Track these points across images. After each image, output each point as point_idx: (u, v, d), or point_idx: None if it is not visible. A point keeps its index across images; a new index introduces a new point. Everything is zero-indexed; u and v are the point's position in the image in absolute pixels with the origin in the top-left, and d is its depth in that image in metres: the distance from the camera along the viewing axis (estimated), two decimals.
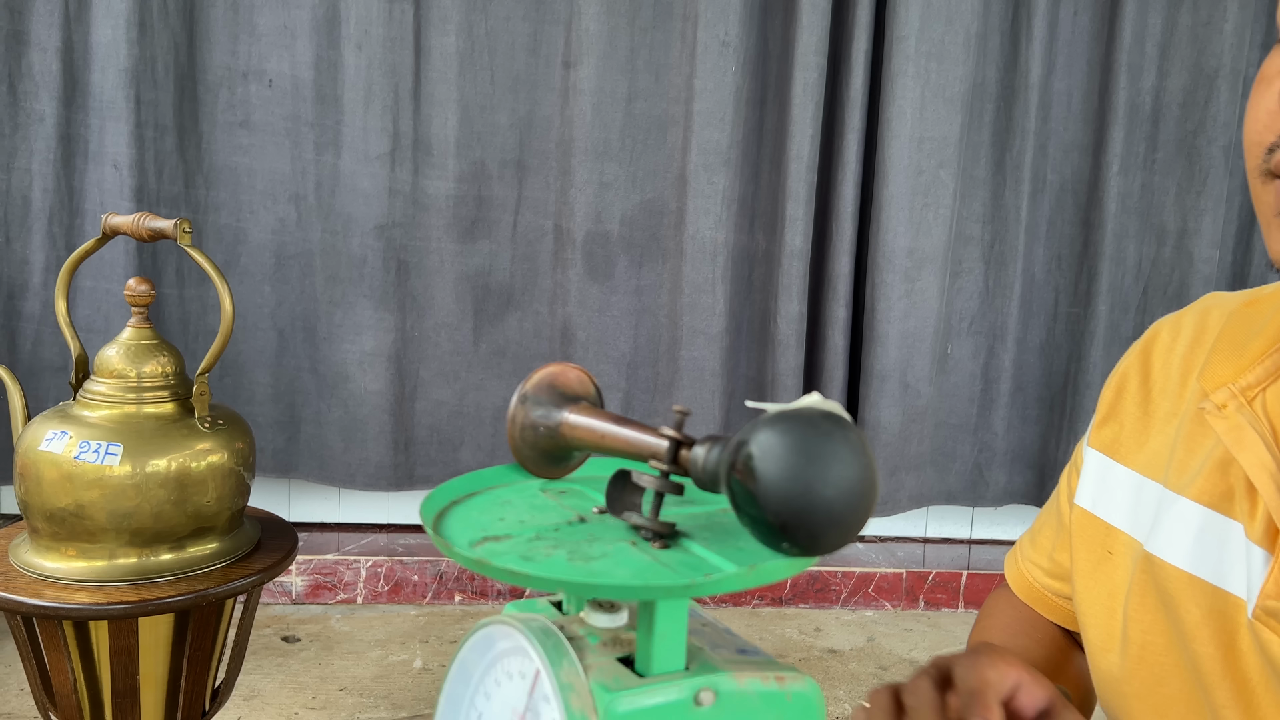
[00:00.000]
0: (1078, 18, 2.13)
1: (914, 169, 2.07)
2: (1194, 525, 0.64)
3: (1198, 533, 0.64)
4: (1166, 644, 0.65)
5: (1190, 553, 0.64)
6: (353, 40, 1.98)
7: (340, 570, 2.08)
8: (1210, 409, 0.64)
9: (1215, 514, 0.63)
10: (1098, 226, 2.16)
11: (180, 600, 1.06)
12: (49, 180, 1.94)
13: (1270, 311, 0.66)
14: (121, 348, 1.12)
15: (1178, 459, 0.67)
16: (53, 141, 1.93)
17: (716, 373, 2.11)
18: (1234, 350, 0.65)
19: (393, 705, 1.71)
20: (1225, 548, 0.62)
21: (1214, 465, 0.64)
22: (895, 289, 2.09)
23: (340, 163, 2.02)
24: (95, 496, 1.05)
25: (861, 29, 2.02)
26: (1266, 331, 0.65)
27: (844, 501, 0.39)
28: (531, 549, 0.44)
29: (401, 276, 2.07)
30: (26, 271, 1.96)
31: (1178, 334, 0.73)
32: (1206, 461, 0.64)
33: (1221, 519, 0.63)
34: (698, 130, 2.04)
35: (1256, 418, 0.61)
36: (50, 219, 1.95)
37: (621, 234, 2.10)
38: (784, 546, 0.41)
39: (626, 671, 0.43)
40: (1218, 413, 0.63)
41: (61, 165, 1.94)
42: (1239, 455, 0.61)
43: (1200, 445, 0.66)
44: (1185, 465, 0.66)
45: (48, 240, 1.96)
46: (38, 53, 1.91)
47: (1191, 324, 0.72)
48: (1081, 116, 2.16)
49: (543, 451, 0.53)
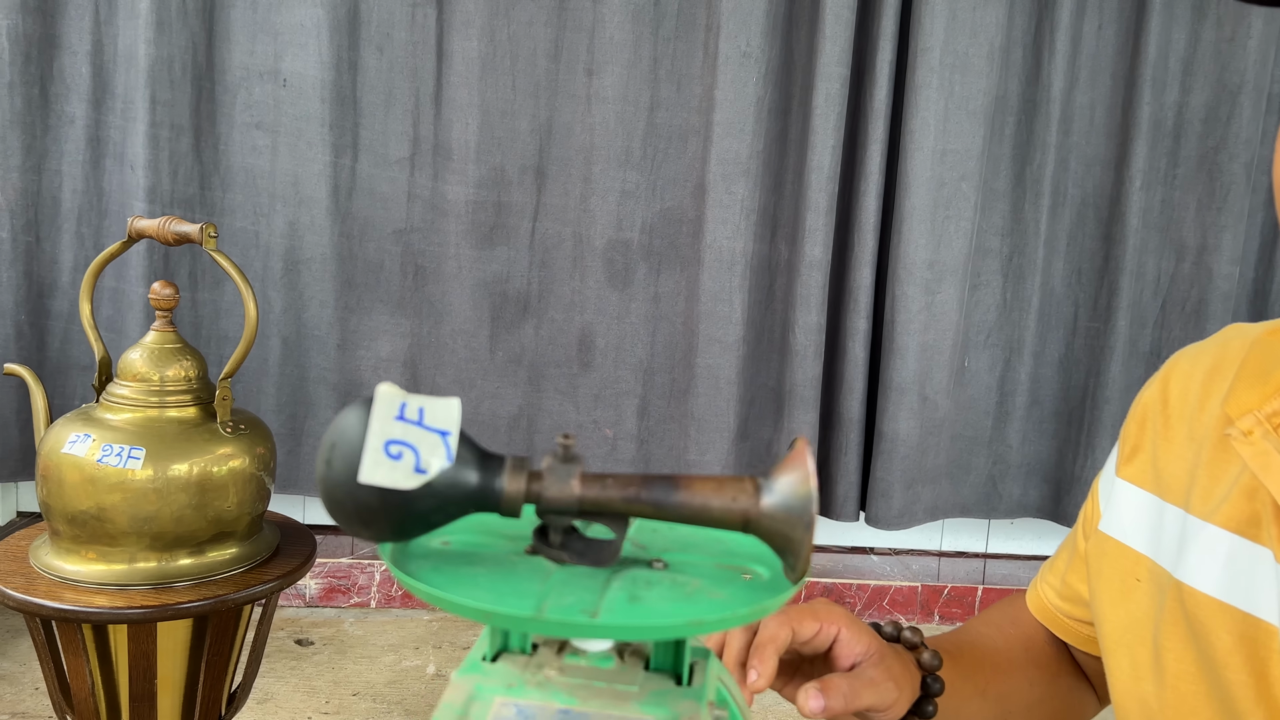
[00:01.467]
0: (1101, 31, 2.12)
1: (936, 181, 2.06)
2: (1223, 552, 0.64)
3: (1226, 559, 0.64)
4: (1198, 672, 0.65)
5: (1219, 580, 0.64)
6: (374, 42, 1.98)
7: (354, 574, 2.08)
8: (1236, 435, 0.64)
9: (1243, 540, 0.63)
10: (1118, 241, 2.15)
11: (199, 605, 1.06)
12: (78, 181, 1.95)
13: None
14: (145, 351, 1.12)
15: (1201, 485, 0.67)
16: (81, 143, 1.94)
17: (732, 381, 2.10)
18: (1258, 378, 0.66)
19: (406, 711, 1.70)
20: (1255, 574, 0.62)
21: (1240, 491, 0.64)
22: (915, 301, 2.08)
23: (358, 166, 2.02)
24: (117, 500, 1.05)
25: (885, 40, 2.01)
26: None
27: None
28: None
29: (419, 282, 2.07)
30: (55, 271, 1.97)
31: (1196, 362, 0.73)
32: (1233, 488, 0.65)
33: (1250, 545, 0.63)
34: (717, 140, 2.04)
35: None
36: (79, 220, 1.97)
37: (641, 242, 2.09)
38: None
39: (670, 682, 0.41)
40: (1244, 439, 0.63)
41: (91, 167, 1.96)
42: (1266, 480, 0.61)
43: (1225, 472, 0.66)
44: (1210, 492, 0.66)
45: (76, 240, 1.97)
46: (68, 56, 1.92)
47: (1211, 352, 0.73)
48: (1104, 131, 2.15)
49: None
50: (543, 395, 2.13)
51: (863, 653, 0.68)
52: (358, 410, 0.39)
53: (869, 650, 0.69)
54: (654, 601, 0.40)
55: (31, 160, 1.93)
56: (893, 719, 0.70)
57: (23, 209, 1.93)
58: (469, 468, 0.40)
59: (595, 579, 0.42)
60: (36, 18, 1.89)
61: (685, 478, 0.42)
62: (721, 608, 0.40)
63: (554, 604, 0.39)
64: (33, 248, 1.96)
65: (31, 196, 1.94)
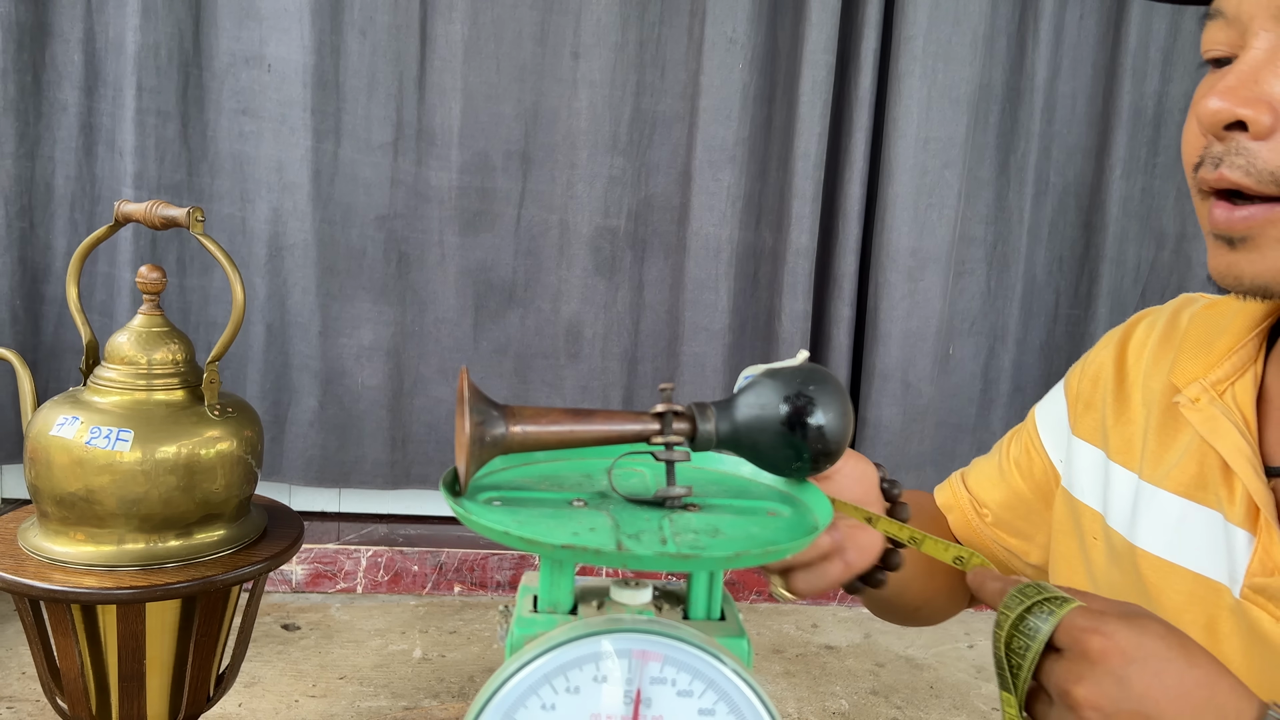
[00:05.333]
0: (1084, 21, 2.13)
1: (919, 169, 2.07)
2: (1173, 516, 0.68)
3: (1177, 523, 0.67)
4: None
5: (1170, 542, 0.67)
6: (356, 26, 1.98)
7: (340, 560, 2.08)
8: (1185, 402, 0.67)
9: (1192, 504, 0.67)
10: (1099, 229, 2.17)
11: (188, 586, 1.06)
12: (70, 168, 1.96)
13: (1231, 313, 0.70)
14: (132, 334, 1.12)
15: (1150, 451, 0.71)
16: (74, 130, 1.95)
17: (719, 369, 2.11)
18: (1201, 348, 0.69)
19: (392, 694, 1.71)
20: (1204, 535, 0.65)
21: (1189, 457, 0.67)
22: (899, 288, 2.10)
23: (341, 151, 2.01)
24: (105, 482, 1.05)
25: (870, 28, 2.02)
26: (1231, 330, 0.69)
27: (848, 430, 0.51)
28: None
29: (402, 269, 2.07)
30: (49, 256, 1.98)
31: (1151, 330, 0.77)
32: (1182, 455, 0.68)
33: (1199, 508, 0.66)
34: (703, 126, 2.04)
35: (1229, 409, 0.65)
36: (72, 205, 1.97)
37: (627, 229, 2.10)
38: (797, 468, 0.51)
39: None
40: (1192, 406, 0.67)
41: (83, 153, 1.96)
42: (1216, 443, 0.65)
43: (1173, 439, 0.70)
44: (1160, 458, 0.70)
45: (69, 226, 1.98)
46: (60, 44, 1.92)
47: (1164, 321, 0.76)
48: (1085, 120, 2.17)
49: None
50: (529, 386, 2.13)
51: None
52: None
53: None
54: (723, 534, 0.46)
55: (25, 147, 1.93)
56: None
57: (16, 195, 1.93)
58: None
59: (650, 520, 0.47)
60: (29, 6, 1.89)
61: None
62: (779, 537, 0.47)
63: (630, 542, 0.44)
64: (27, 233, 1.96)
65: (25, 183, 1.94)
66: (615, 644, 0.42)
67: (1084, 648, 0.49)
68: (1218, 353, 0.68)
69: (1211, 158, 0.59)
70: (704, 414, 0.51)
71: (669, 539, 0.45)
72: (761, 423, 0.50)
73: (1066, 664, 0.49)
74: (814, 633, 2.08)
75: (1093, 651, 0.48)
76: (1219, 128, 0.57)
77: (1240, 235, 0.58)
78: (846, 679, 1.90)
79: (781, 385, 0.51)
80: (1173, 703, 0.48)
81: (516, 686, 0.42)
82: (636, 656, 0.42)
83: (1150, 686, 0.48)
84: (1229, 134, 0.57)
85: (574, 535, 0.44)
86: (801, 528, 0.49)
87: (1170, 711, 0.48)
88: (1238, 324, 0.69)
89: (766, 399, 0.51)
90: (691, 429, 0.50)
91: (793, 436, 0.50)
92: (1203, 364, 0.68)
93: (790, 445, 0.50)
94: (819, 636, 2.07)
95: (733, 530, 0.47)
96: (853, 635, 2.08)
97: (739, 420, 0.51)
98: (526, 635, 0.45)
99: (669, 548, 0.43)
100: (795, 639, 2.05)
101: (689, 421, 0.50)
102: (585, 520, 0.46)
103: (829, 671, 1.93)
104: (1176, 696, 0.48)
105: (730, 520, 0.48)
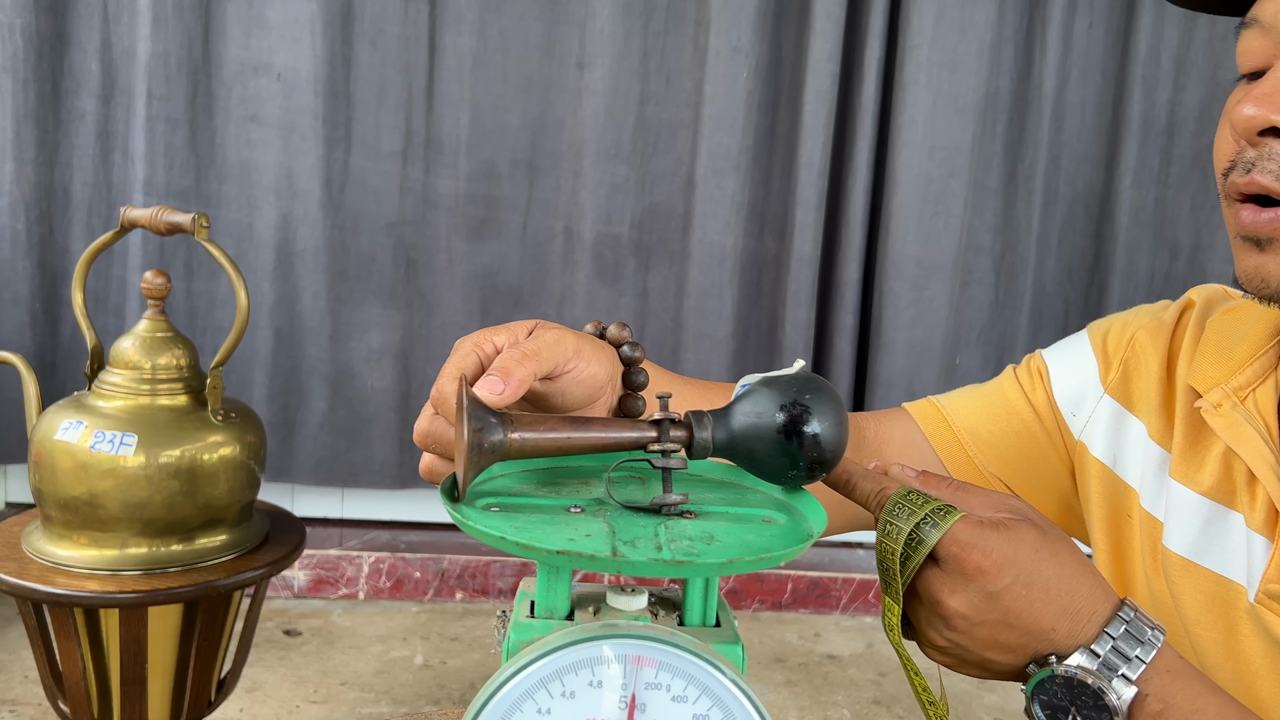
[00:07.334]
0: (1093, 30, 2.13)
1: (924, 178, 2.07)
2: (1199, 517, 0.68)
3: (1203, 524, 0.68)
4: (1169, 627, 0.69)
5: (1194, 542, 0.68)
6: (366, 37, 1.99)
7: (343, 565, 2.08)
8: (1206, 408, 0.68)
9: (1218, 506, 0.67)
10: (1109, 239, 2.17)
11: (190, 590, 1.07)
12: (88, 174, 1.98)
13: (1251, 319, 0.70)
14: (137, 339, 1.13)
15: (1179, 448, 0.71)
16: (91, 138, 1.97)
17: (722, 377, 2.11)
18: (1221, 354, 0.70)
19: (394, 700, 1.71)
20: (1227, 538, 0.66)
21: (1215, 460, 0.68)
22: (903, 297, 2.10)
23: (351, 160, 2.02)
24: (109, 486, 1.05)
25: (875, 37, 2.03)
26: (1251, 336, 0.69)
27: (843, 438, 0.52)
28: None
29: (410, 274, 2.08)
30: (68, 260, 2.00)
31: (1192, 320, 0.76)
32: (1209, 457, 0.69)
33: (1223, 510, 0.67)
34: (707, 135, 2.05)
35: (1251, 415, 0.66)
36: (89, 211, 1.99)
37: (631, 236, 2.10)
38: (793, 476, 0.52)
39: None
40: (1214, 411, 0.67)
41: (100, 160, 1.98)
42: (1239, 449, 0.65)
43: (1199, 440, 0.70)
44: (1188, 457, 0.70)
45: (86, 231, 2.00)
46: (78, 53, 1.95)
47: (1197, 317, 0.76)
48: (1095, 129, 2.16)
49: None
50: None
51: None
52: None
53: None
54: (717, 541, 0.47)
55: (44, 154, 1.95)
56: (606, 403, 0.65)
57: (36, 201, 1.95)
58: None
59: (646, 527, 0.48)
60: (48, 16, 1.91)
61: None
62: (773, 545, 0.47)
63: (625, 549, 0.44)
64: (46, 238, 1.98)
65: (44, 189, 1.96)
66: (611, 649, 0.43)
67: (961, 564, 0.51)
68: (1239, 359, 0.68)
69: (1243, 163, 0.59)
70: (700, 422, 0.52)
71: (664, 545, 0.45)
72: (757, 431, 0.51)
73: (943, 575, 0.52)
74: (816, 642, 2.08)
75: (969, 568, 0.51)
76: (1253, 133, 0.58)
77: (1268, 236, 0.59)
78: (849, 688, 1.90)
79: (778, 394, 0.51)
80: (1034, 611, 0.51)
81: (512, 691, 0.43)
82: (632, 662, 0.43)
83: (1016, 598, 0.51)
84: (1262, 140, 0.58)
85: (570, 541, 0.44)
86: (796, 535, 0.49)
87: (1030, 619, 0.51)
88: (1258, 330, 0.69)
89: (763, 407, 0.51)
90: (688, 437, 0.52)
91: (788, 445, 0.51)
92: (1224, 369, 0.68)
93: (786, 454, 0.51)
94: (821, 646, 2.06)
95: (728, 537, 0.47)
96: (855, 644, 2.08)
97: (735, 428, 0.52)
98: (523, 640, 0.45)
99: (664, 554, 0.44)
100: (797, 648, 2.04)
101: (686, 429, 0.51)
102: (581, 526, 0.47)
103: (831, 681, 1.92)
104: (1040, 603, 0.51)
105: (725, 527, 0.49)
